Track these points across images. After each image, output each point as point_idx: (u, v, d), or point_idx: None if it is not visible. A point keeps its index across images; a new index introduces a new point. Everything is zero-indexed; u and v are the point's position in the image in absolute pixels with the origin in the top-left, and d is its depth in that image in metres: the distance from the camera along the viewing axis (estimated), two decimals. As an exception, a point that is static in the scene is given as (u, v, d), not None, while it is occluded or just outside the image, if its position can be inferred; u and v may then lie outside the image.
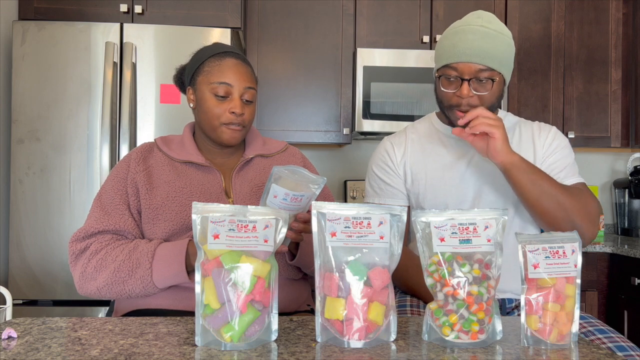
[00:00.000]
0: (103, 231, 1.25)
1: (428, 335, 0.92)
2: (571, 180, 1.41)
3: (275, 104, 2.80)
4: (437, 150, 1.48)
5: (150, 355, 0.82)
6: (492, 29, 1.34)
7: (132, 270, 1.18)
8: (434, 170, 1.46)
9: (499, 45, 1.33)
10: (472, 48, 1.31)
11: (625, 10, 2.91)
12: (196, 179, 1.31)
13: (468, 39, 1.32)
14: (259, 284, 0.87)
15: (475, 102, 1.34)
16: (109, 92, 2.25)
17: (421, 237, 0.92)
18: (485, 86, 1.33)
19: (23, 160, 2.28)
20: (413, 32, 2.81)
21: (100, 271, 1.19)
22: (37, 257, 2.27)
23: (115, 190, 1.30)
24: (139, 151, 1.36)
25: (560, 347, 0.89)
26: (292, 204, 1.08)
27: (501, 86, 1.38)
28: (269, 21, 2.79)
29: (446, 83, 1.36)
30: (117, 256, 1.20)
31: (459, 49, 1.33)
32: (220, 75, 1.31)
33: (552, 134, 1.47)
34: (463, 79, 1.33)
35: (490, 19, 1.36)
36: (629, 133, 2.89)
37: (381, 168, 1.52)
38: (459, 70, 1.33)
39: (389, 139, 1.56)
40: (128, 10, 2.47)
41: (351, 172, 3.16)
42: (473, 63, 1.31)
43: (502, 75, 1.36)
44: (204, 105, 1.32)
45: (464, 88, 1.32)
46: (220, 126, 1.31)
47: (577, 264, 0.90)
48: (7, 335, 0.90)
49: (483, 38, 1.32)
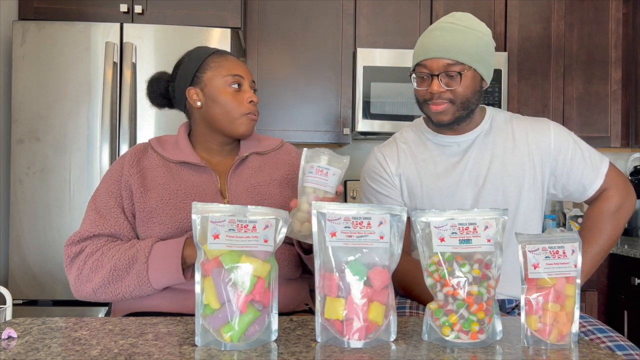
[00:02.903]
0: (98, 235, 1.25)
1: (428, 335, 0.92)
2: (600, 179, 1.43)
3: (275, 104, 2.80)
4: (429, 159, 1.46)
5: (150, 355, 0.82)
6: (462, 25, 1.35)
7: (129, 267, 1.17)
8: (428, 180, 1.44)
9: (468, 39, 1.34)
10: (438, 44, 1.34)
11: (625, 10, 2.91)
12: (191, 181, 1.30)
13: (435, 35, 1.35)
14: (259, 284, 0.87)
15: (448, 96, 1.35)
16: (109, 92, 2.25)
17: (421, 237, 0.92)
18: (456, 80, 1.34)
19: (23, 160, 2.28)
20: (413, 32, 2.81)
21: (96, 271, 1.19)
22: (37, 257, 2.27)
23: (109, 193, 1.29)
24: (132, 153, 1.35)
25: (560, 347, 0.89)
26: (318, 177, 1.10)
27: (476, 81, 1.37)
28: (269, 21, 2.79)
29: (419, 81, 1.39)
30: (113, 255, 1.20)
31: (427, 46, 1.36)
32: (232, 68, 1.34)
33: (552, 136, 1.43)
34: (433, 75, 1.35)
35: (462, 17, 1.38)
36: (629, 133, 2.90)
37: (376, 180, 1.50)
38: (428, 66, 1.35)
39: (380, 149, 1.53)
40: (128, 10, 2.47)
41: (351, 172, 3.15)
42: (440, 58, 1.33)
43: (475, 70, 1.36)
44: (220, 98, 1.32)
45: (434, 84, 1.34)
46: (240, 117, 1.33)
47: (577, 264, 0.90)
48: (7, 335, 0.90)
49: (450, 33, 1.34)
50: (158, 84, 1.41)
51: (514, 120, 1.48)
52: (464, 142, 1.45)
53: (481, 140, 1.45)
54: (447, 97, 1.35)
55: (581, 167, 1.42)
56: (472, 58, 1.34)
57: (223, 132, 1.35)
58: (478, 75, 1.37)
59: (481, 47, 1.36)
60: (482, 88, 1.40)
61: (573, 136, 1.46)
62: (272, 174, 1.37)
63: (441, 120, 1.38)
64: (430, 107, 1.38)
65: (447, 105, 1.36)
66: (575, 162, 1.43)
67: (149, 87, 1.42)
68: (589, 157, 1.44)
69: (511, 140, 1.44)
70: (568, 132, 1.47)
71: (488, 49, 1.38)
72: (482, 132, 1.45)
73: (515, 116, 1.51)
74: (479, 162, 1.42)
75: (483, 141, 1.45)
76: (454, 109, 1.36)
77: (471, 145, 1.44)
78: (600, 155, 1.46)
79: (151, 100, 1.43)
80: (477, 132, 1.45)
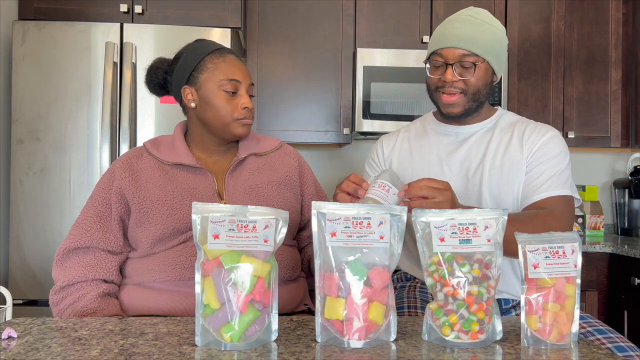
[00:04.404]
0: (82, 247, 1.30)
1: (428, 335, 0.92)
2: (549, 193, 1.35)
3: (275, 104, 2.80)
4: (426, 146, 1.50)
5: (150, 355, 0.82)
6: (480, 18, 1.39)
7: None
8: (420, 168, 1.48)
9: (485, 32, 1.38)
10: (456, 34, 1.37)
11: (625, 10, 2.91)
12: (187, 183, 1.30)
13: (454, 26, 1.39)
14: (259, 284, 0.87)
15: (460, 85, 1.38)
16: (109, 92, 2.25)
17: (421, 237, 0.93)
18: (470, 71, 1.38)
19: (23, 160, 2.28)
20: (413, 32, 2.81)
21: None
22: (37, 257, 2.27)
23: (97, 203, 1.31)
24: (125, 158, 1.35)
25: (560, 347, 0.89)
26: (380, 191, 1.18)
27: (488, 74, 1.41)
28: (269, 21, 2.79)
29: (433, 69, 1.42)
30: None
31: (444, 36, 1.39)
32: (228, 72, 1.32)
33: (545, 138, 1.41)
34: (447, 64, 1.37)
35: (480, 12, 1.41)
36: (629, 133, 2.89)
37: (370, 165, 1.59)
38: (444, 55, 1.38)
39: (384, 137, 1.62)
40: (128, 10, 2.47)
41: (351, 172, 3.11)
42: (456, 48, 1.37)
43: (488, 63, 1.39)
44: (214, 102, 1.31)
45: (448, 72, 1.38)
46: (233, 122, 1.32)
47: (577, 264, 0.90)
48: (7, 335, 0.90)
49: (468, 25, 1.37)
50: (156, 74, 1.41)
51: (519, 123, 1.49)
52: (463, 133, 1.48)
53: (480, 135, 1.47)
54: (459, 87, 1.38)
55: (547, 173, 1.37)
56: (486, 50, 1.38)
57: (217, 134, 1.35)
58: (490, 69, 1.41)
59: (496, 42, 1.40)
60: (492, 82, 1.44)
61: (565, 152, 1.42)
62: (271, 175, 1.36)
63: (451, 112, 1.42)
64: (441, 97, 1.41)
65: (458, 96, 1.39)
66: (548, 164, 1.38)
67: (147, 75, 1.42)
68: (561, 173, 1.38)
69: (509, 139, 1.44)
70: (565, 146, 1.43)
71: (502, 44, 1.43)
72: (484, 128, 1.48)
73: (522, 120, 1.51)
74: (472, 155, 1.44)
75: (482, 136, 1.47)
76: (465, 100, 1.40)
77: (469, 138, 1.47)
78: (572, 186, 1.40)
79: (149, 88, 1.43)
80: (479, 127, 1.48)
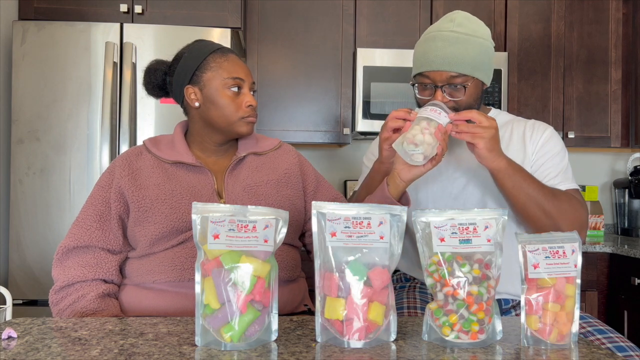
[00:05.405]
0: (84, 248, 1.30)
1: (428, 335, 0.92)
2: (564, 186, 1.38)
3: (275, 104, 2.80)
4: None
5: (150, 355, 0.82)
6: (463, 32, 1.32)
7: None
8: None
9: (470, 49, 1.32)
10: (442, 56, 1.31)
11: (625, 10, 2.91)
12: (186, 181, 1.30)
13: (438, 46, 1.32)
14: (259, 284, 0.87)
15: (452, 105, 1.33)
16: (109, 92, 2.25)
17: (421, 237, 0.93)
18: (460, 91, 1.33)
19: (23, 160, 2.28)
20: (413, 32, 2.81)
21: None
22: (37, 257, 2.27)
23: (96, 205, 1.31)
24: (125, 156, 1.35)
25: (560, 347, 0.89)
26: (430, 112, 1.23)
27: (479, 88, 1.37)
28: (269, 21, 2.79)
29: (421, 90, 1.38)
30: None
31: (429, 57, 1.33)
32: (232, 70, 1.33)
33: (545, 135, 1.43)
34: (436, 87, 1.33)
35: (462, 22, 1.34)
36: (629, 133, 2.89)
37: (369, 159, 1.56)
38: (431, 77, 1.34)
39: None
40: (128, 10, 2.47)
41: (351, 172, 3.16)
42: (444, 71, 1.31)
43: (477, 79, 1.35)
44: (219, 101, 1.32)
45: (437, 95, 1.33)
46: (238, 120, 1.33)
47: (577, 264, 0.90)
48: (7, 335, 0.90)
49: (453, 44, 1.31)
50: (155, 75, 1.39)
51: (514, 122, 1.48)
52: None
53: None
54: (450, 107, 1.33)
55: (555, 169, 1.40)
56: (475, 68, 1.33)
57: (222, 133, 1.35)
58: (480, 82, 1.37)
59: (484, 55, 1.35)
60: (483, 91, 1.41)
61: (564, 147, 1.45)
62: (270, 174, 1.36)
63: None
64: None
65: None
66: (554, 161, 1.41)
67: (145, 77, 1.40)
68: (567, 169, 1.42)
69: (507, 139, 1.44)
70: (561, 141, 1.46)
71: (488, 54, 1.37)
72: None
73: (517, 119, 1.51)
74: (465, 152, 1.43)
75: None
76: None
77: None
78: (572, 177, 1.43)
79: (147, 90, 1.41)
80: None
